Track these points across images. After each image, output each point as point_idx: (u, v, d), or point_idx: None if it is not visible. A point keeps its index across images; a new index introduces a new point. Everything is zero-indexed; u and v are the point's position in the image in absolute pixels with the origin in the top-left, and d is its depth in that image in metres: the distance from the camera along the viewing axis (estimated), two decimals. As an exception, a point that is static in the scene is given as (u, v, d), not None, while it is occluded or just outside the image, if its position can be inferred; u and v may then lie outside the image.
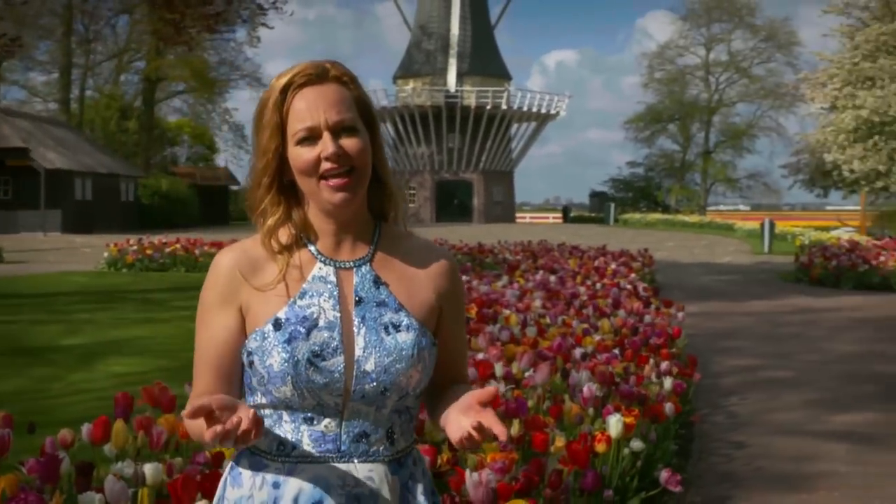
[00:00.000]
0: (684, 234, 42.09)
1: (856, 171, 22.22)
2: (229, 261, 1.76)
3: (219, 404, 1.51)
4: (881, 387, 8.47)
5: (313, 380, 1.66)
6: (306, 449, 1.71)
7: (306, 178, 1.70)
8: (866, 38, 23.52)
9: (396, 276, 1.78)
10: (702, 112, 65.42)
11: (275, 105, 1.71)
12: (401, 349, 1.70)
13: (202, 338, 1.77)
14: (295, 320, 1.68)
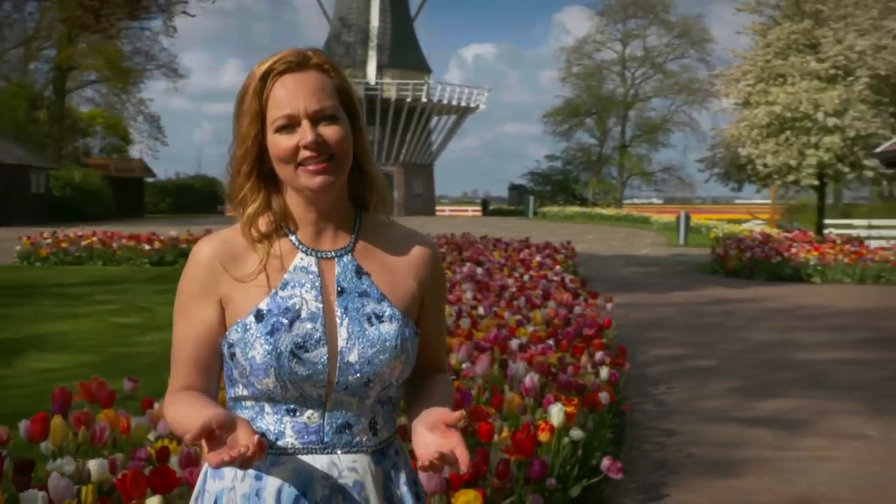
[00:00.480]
0: (602, 227, 42.70)
1: (769, 165, 22.83)
2: (209, 251, 1.73)
3: (219, 423, 1.50)
4: (799, 374, 8.75)
5: (296, 372, 1.65)
6: (289, 441, 1.70)
7: (284, 165, 1.68)
8: (777, 37, 24.16)
9: (378, 265, 1.77)
10: (618, 106, 66.31)
11: (255, 92, 1.69)
12: (384, 340, 1.69)
13: (180, 330, 1.75)
14: (277, 311, 1.67)
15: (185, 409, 1.67)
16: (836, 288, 17.88)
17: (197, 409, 1.63)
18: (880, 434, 6.59)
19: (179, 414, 1.68)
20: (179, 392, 1.74)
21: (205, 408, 1.64)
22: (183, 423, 1.64)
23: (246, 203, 1.74)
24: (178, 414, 1.69)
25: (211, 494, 1.73)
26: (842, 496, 5.22)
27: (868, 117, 22.16)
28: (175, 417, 1.70)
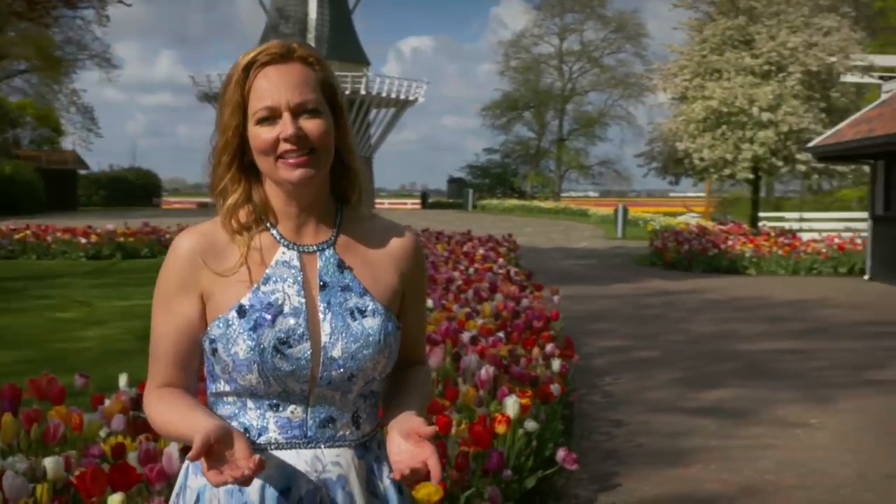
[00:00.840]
0: (541, 220, 42.98)
1: (705, 159, 23.20)
2: (189, 244, 1.71)
3: (216, 437, 1.50)
4: (740, 364, 8.92)
5: (280, 367, 1.64)
6: (272, 436, 1.69)
7: (264, 157, 1.67)
8: (713, 33, 24.55)
9: (360, 259, 1.76)
10: (556, 100, 66.84)
11: (237, 82, 1.68)
12: (367, 335, 1.69)
13: (160, 324, 1.73)
14: (259, 307, 1.66)
15: (170, 411, 1.67)
16: (771, 279, 18.26)
17: (183, 414, 1.64)
18: (821, 422, 6.75)
19: (165, 417, 1.67)
20: (161, 389, 1.72)
21: (191, 412, 1.64)
22: (169, 427, 1.65)
23: (226, 194, 1.72)
24: (163, 416, 1.68)
25: (193, 490, 1.72)
26: (787, 483, 5.35)
27: (800, 112, 22.65)
28: (160, 419, 1.69)
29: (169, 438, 1.72)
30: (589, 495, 5.05)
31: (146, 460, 3.29)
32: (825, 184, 38.06)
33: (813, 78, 23.41)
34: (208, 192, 1.77)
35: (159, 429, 1.69)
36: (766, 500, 5.05)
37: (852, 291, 15.81)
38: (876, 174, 17.83)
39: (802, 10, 24.05)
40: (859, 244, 19.94)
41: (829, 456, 5.90)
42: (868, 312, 12.97)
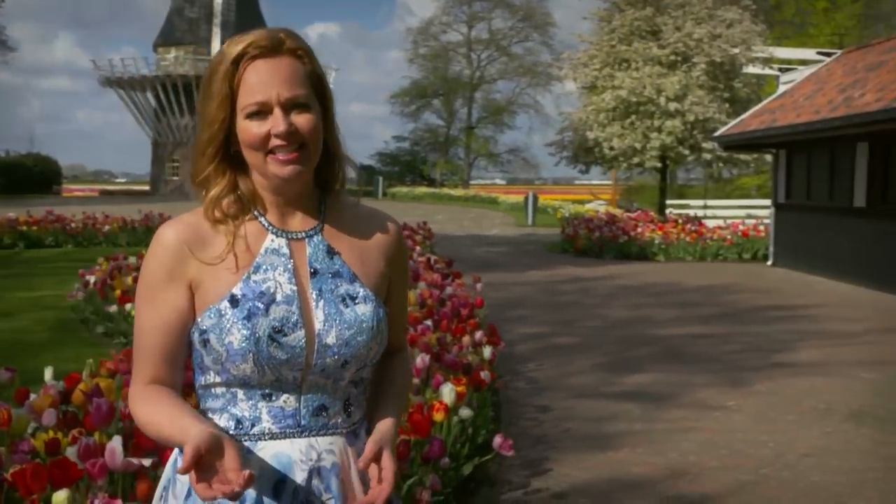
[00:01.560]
0: (452, 208, 43.18)
1: (615, 148, 23.59)
2: (175, 234, 1.69)
3: (207, 447, 1.46)
4: (657, 349, 9.13)
5: (275, 356, 1.63)
6: (266, 426, 1.68)
7: (254, 152, 1.67)
8: (622, 23, 24.95)
9: (347, 245, 1.77)
10: (465, 88, 67.10)
11: (225, 75, 1.65)
12: (361, 321, 1.69)
13: (146, 317, 1.69)
14: (252, 296, 1.64)
15: (158, 412, 1.63)
16: (680, 265, 18.70)
17: (172, 417, 1.60)
18: (738, 404, 6.96)
19: (152, 418, 1.64)
20: (148, 388, 1.69)
21: (181, 415, 1.61)
22: (156, 429, 1.62)
23: (208, 185, 1.71)
24: (149, 417, 1.65)
25: (184, 484, 1.69)
26: (710, 465, 5.50)
27: (705, 102, 23.19)
28: (147, 419, 1.65)
29: (155, 440, 1.67)
30: (522, 481, 5.11)
31: (86, 455, 3.21)
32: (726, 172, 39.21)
33: (717, 69, 23.99)
34: (192, 182, 1.74)
35: (145, 429, 1.66)
36: (692, 482, 5.19)
37: (757, 277, 16.31)
38: (778, 163, 18.40)
39: (706, 2, 24.60)
40: (762, 231, 20.57)
41: (748, 437, 6.09)
42: (773, 297, 13.39)
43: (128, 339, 8.28)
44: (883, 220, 14.04)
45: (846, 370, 8.16)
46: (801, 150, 17.08)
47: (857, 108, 13.37)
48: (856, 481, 5.24)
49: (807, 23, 43.13)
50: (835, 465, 5.53)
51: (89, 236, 20.90)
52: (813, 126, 14.49)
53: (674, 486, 5.10)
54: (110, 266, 10.45)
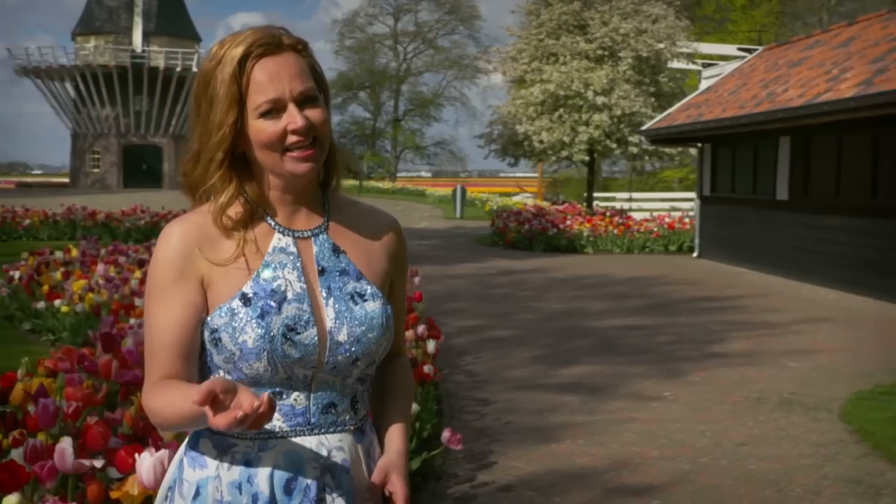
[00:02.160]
0: (379, 201, 42.93)
1: (544, 141, 23.77)
2: (182, 233, 1.67)
3: (221, 388, 1.42)
4: (592, 340, 9.24)
5: (289, 354, 1.63)
6: (277, 424, 1.67)
7: (269, 151, 1.65)
8: (550, 17, 25.12)
9: (351, 243, 1.77)
10: (391, 80, 66.93)
11: (232, 77, 1.63)
12: (371, 318, 1.70)
13: (158, 316, 1.66)
14: (263, 294, 1.64)
15: (172, 393, 1.60)
16: (608, 258, 18.95)
17: (186, 391, 1.55)
18: (674, 394, 7.08)
19: (166, 400, 1.60)
20: (161, 381, 1.65)
21: (184, 390, 1.57)
22: (172, 408, 1.58)
23: (216, 192, 1.69)
24: (164, 401, 1.61)
25: (191, 484, 1.68)
26: (652, 454, 5.59)
27: (632, 96, 23.50)
28: (161, 405, 1.61)
29: (172, 424, 1.62)
30: (468, 474, 5.12)
31: (33, 458, 3.12)
32: (648, 165, 39.82)
33: (643, 63, 24.32)
34: (186, 189, 1.73)
35: (162, 417, 1.62)
36: (634, 472, 5.27)
37: (684, 268, 16.61)
38: (703, 156, 18.75)
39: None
40: (688, 223, 20.95)
41: (686, 427, 6.20)
42: (701, 288, 13.65)
43: (56, 335, 8.07)
44: (804, 212, 14.41)
45: (775, 359, 8.36)
46: (725, 144, 17.44)
47: (780, 104, 13.69)
48: (790, 468, 5.38)
49: (726, 19, 44.07)
50: (769, 452, 5.66)
51: (8, 230, 20.34)
52: (738, 120, 14.80)
53: (617, 477, 5.17)
54: (36, 261, 10.18)
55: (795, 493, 4.97)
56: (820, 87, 12.98)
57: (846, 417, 6.46)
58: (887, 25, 14.26)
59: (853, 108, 11.33)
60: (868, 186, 12.65)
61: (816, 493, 4.97)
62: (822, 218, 13.80)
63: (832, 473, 5.29)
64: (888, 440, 5.87)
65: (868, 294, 12.35)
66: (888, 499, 4.89)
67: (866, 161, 12.65)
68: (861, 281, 12.63)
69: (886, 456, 5.60)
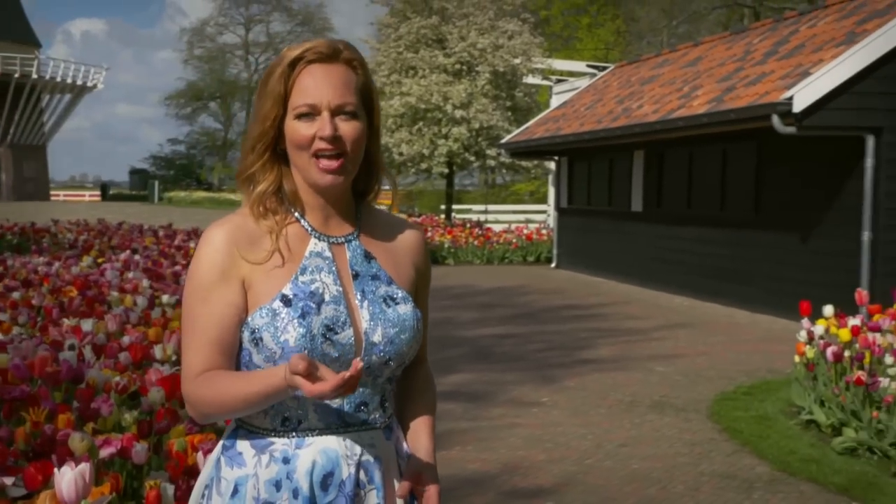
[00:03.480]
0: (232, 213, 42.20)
1: (404, 153, 23.93)
2: (224, 235, 1.75)
3: (310, 361, 1.52)
4: (467, 349, 9.37)
5: (328, 353, 1.70)
6: (313, 422, 1.74)
7: (299, 151, 1.74)
8: (408, 30, 25.34)
9: (381, 250, 1.85)
10: (243, 91, 65.97)
11: (281, 75, 1.73)
12: (403, 320, 1.78)
13: (201, 315, 1.73)
14: (303, 296, 1.71)
15: (229, 379, 1.69)
16: (471, 269, 19.23)
17: (249, 376, 1.67)
18: (552, 399, 7.27)
19: (223, 386, 1.68)
20: (208, 373, 1.72)
21: (256, 372, 1.68)
22: (232, 392, 1.66)
23: (255, 181, 1.78)
24: (220, 388, 1.69)
25: (229, 482, 1.75)
26: (539, 457, 5.74)
27: (489, 110, 23.93)
28: (216, 392, 1.69)
29: (228, 410, 1.71)
30: (363, 483, 5.12)
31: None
32: (500, 179, 40.62)
33: (500, 78, 24.81)
34: (237, 178, 1.83)
35: (212, 403, 1.70)
36: (525, 475, 5.40)
37: (544, 278, 17.03)
38: (560, 169, 19.30)
39: (489, 14, 25.40)
40: (545, 235, 21.48)
41: (568, 431, 6.39)
42: (563, 297, 14.03)
43: None
44: (658, 223, 15.03)
45: (642, 364, 8.70)
46: (582, 158, 18.00)
47: (636, 119, 14.25)
48: (670, 466, 5.62)
49: (573, 37, 45.52)
50: (649, 452, 5.90)
51: None
52: (597, 134, 15.31)
53: (509, 481, 5.28)
54: None
55: (678, 490, 5.20)
56: (673, 103, 13.59)
57: (714, 417, 6.79)
58: (730, 46, 15.06)
59: (705, 124, 11.91)
60: (718, 198, 13.31)
61: (696, 489, 5.21)
62: (675, 229, 14.43)
63: (708, 470, 5.56)
64: (755, 437, 6.21)
65: (719, 300, 12.99)
66: (760, 491, 5.18)
67: (716, 174, 13.32)
68: (712, 288, 13.27)
69: (755, 452, 5.92)
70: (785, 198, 11.79)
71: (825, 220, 11.08)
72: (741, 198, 12.74)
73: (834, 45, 11.02)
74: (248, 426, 1.78)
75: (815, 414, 6.34)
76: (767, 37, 13.95)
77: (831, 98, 10.16)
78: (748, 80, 12.02)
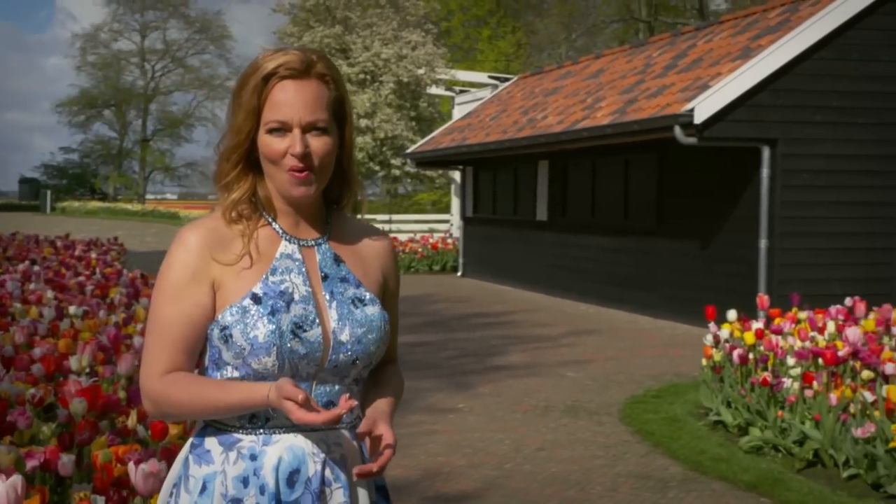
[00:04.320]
0: (130, 223, 41.31)
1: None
2: (198, 237, 1.81)
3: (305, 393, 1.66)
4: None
5: (296, 350, 1.75)
6: (280, 420, 1.77)
7: (271, 164, 1.80)
8: (311, 40, 25.23)
9: (350, 254, 1.91)
10: (138, 99, 64.50)
11: (255, 89, 1.78)
12: (371, 321, 1.83)
13: (169, 314, 1.79)
14: (273, 294, 1.77)
15: (202, 385, 1.77)
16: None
17: (221, 386, 1.76)
18: (468, 406, 7.35)
19: (195, 391, 1.76)
20: (175, 373, 1.78)
21: (233, 383, 1.76)
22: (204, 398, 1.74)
23: (230, 188, 1.84)
24: (192, 392, 1.76)
25: (198, 479, 1.78)
26: (459, 463, 5.79)
27: (394, 120, 24.02)
28: (189, 396, 1.75)
29: (200, 413, 1.79)
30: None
31: None
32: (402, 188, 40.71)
33: (404, 88, 24.91)
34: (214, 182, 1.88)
35: (179, 405, 1.77)
36: (447, 481, 5.44)
37: (450, 287, 17.15)
38: (465, 179, 19.46)
39: (392, 24, 25.50)
40: (451, 244, 21.62)
41: (485, 436, 6.46)
42: (470, 306, 14.16)
43: None
44: (562, 232, 15.30)
45: (553, 370, 8.85)
46: (487, 168, 18.20)
47: (541, 129, 14.49)
48: (587, 468, 5.74)
49: (474, 49, 45.98)
50: (566, 455, 6.02)
51: None
52: (503, 144, 15.51)
53: (431, 487, 5.32)
54: None
55: (596, 491, 5.32)
56: (577, 114, 13.87)
57: (626, 420, 6.96)
58: (631, 59, 15.46)
59: (609, 135, 12.19)
60: (621, 208, 13.63)
61: (614, 490, 5.34)
62: (580, 237, 14.71)
63: (624, 471, 5.70)
64: (667, 438, 6.38)
65: (623, 307, 13.29)
66: (675, 491, 5.34)
67: (619, 185, 13.64)
68: (616, 295, 13.57)
69: (667, 453, 6.09)
70: (686, 207, 12.16)
71: (724, 228, 11.47)
72: (643, 207, 13.08)
73: (731, 60, 11.43)
74: (216, 423, 1.82)
75: (723, 415, 6.55)
76: (666, 50, 14.37)
77: (730, 110, 10.54)
78: (649, 93, 12.36)
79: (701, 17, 35.85)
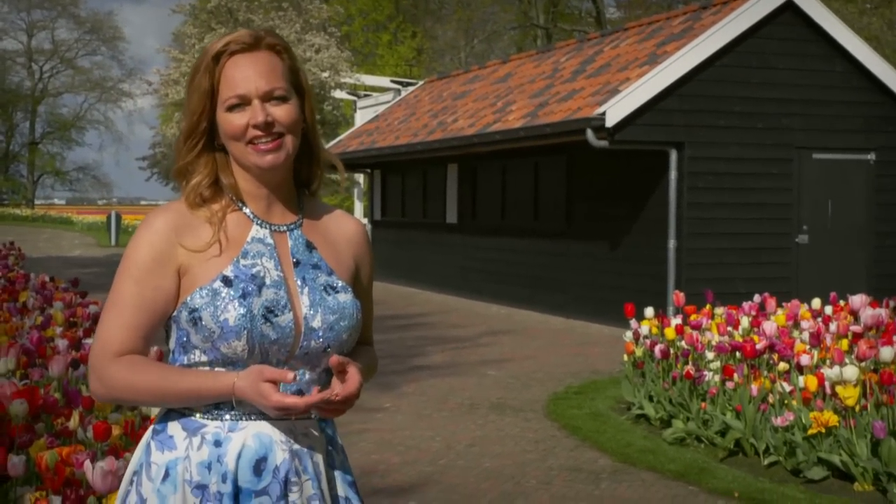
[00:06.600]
0: (19, 229, 39.88)
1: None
2: (164, 221, 1.75)
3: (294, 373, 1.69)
4: (298, 360, 9.31)
5: (267, 335, 1.71)
6: (247, 407, 1.72)
7: (235, 142, 1.75)
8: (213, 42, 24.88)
9: (322, 240, 1.87)
10: (26, 101, 62.37)
11: (206, 70, 1.74)
12: (343, 308, 1.79)
13: (130, 295, 1.73)
14: (244, 278, 1.73)
15: (165, 372, 1.72)
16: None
17: (188, 374, 1.71)
18: (394, 405, 7.37)
19: (159, 377, 1.70)
20: (132, 356, 1.73)
21: (198, 371, 1.72)
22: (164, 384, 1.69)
23: (189, 174, 1.80)
24: (156, 377, 1.70)
25: (160, 466, 1.72)
26: (394, 460, 5.81)
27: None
28: (152, 380, 1.70)
29: (157, 399, 1.73)
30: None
31: None
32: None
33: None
34: (173, 174, 1.84)
35: (144, 389, 1.70)
36: (384, 477, 5.46)
37: (360, 290, 17.08)
38: (374, 182, 19.46)
39: (295, 27, 25.30)
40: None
41: (416, 434, 6.50)
42: (383, 308, 14.09)
43: None
44: (473, 235, 15.44)
45: (474, 369, 8.94)
46: (395, 171, 18.23)
47: (452, 132, 14.60)
48: (520, 462, 5.84)
49: (374, 53, 45.96)
50: (497, 451, 6.10)
51: None
52: (414, 147, 15.57)
53: (369, 483, 5.32)
54: None
55: (531, 484, 5.41)
56: (488, 117, 14.03)
57: (552, 416, 7.08)
58: (539, 64, 15.71)
59: (522, 138, 12.37)
60: (531, 210, 13.84)
61: (548, 483, 5.45)
62: (490, 240, 14.88)
63: (556, 465, 5.81)
64: (593, 433, 6.53)
65: (534, 308, 13.48)
66: (607, 482, 5.47)
67: (528, 187, 13.84)
68: (526, 296, 13.77)
69: (595, 446, 6.23)
70: (595, 209, 12.42)
71: (633, 229, 11.76)
72: (553, 209, 13.31)
73: (638, 65, 11.74)
74: (180, 410, 1.75)
75: (646, 408, 6.74)
76: (573, 56, 14.66)
77: (639, 114, 10.83)
78: (560, 97, 12.60)
79: (599, 25, 36.64)
